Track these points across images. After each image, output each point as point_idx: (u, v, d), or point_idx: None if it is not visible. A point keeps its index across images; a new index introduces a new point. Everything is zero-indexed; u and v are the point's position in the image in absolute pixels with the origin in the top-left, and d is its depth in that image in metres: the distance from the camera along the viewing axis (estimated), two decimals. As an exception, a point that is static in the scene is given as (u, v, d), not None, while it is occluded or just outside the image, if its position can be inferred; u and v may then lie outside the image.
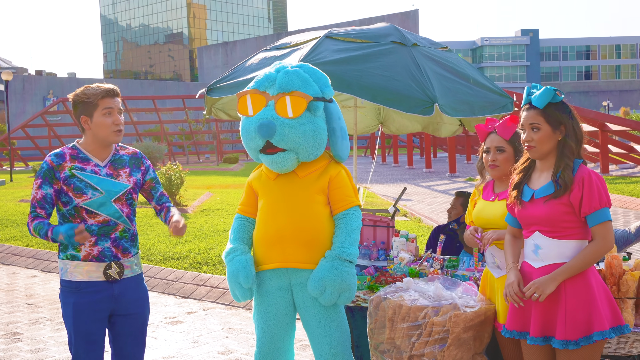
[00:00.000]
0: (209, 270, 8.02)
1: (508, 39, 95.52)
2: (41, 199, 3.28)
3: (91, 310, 3.31)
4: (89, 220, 3.29)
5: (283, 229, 3.42)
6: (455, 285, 3.72)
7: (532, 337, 2.97)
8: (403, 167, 32.62)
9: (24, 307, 7.07)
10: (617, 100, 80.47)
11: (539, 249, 2.99)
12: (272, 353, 3.50)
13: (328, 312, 3.47)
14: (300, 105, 3.31)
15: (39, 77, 65.72)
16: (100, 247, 3.30)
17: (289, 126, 3.31)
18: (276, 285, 3.48)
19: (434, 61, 4.89)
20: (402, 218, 12.79)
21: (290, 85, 3.36)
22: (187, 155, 45.52)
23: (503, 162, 3.43)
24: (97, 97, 3.29)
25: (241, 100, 3.40)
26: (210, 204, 14.89)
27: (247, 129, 3.40)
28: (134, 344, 3.48)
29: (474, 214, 3.55)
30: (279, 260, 3.44)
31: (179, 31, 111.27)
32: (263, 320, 3.50)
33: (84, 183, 3.27)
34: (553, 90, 2.98)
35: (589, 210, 2.88)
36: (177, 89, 66.01)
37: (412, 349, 3.41)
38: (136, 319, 3.46)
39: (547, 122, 2.97)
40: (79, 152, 3.35)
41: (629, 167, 24.58)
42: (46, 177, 3.28)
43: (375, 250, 4.91)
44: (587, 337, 2.85)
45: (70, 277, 3.33)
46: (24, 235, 11.32)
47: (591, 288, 2.90)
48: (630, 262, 3.46)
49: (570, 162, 2.95)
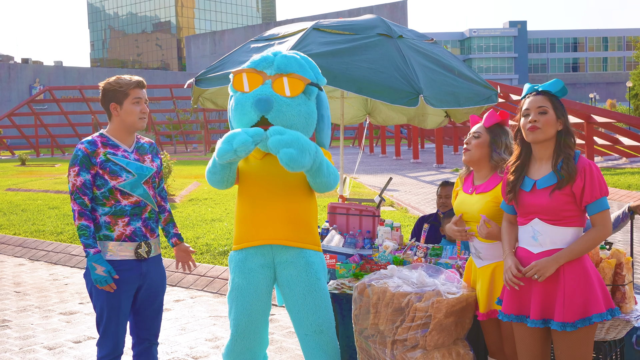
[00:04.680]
0: (197, 259, 8.08)
1: (496, 30, 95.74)
2: (81, 186, 3.48)
3: (123, 287, 3.54)
4: (123, 201, 3.53)
5: (272, 208, 3.49)
6: (438, 272, 3.81)
7: (532, 320, 3.04)
8: (390, 157, 32.74)
9: (12, 295, 7.10)
10: (604, 93, 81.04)
11: (538, 235, 3.06)
12: (250, 331, 3.54)
13: (314, 290, 3.54)
14: (298, 85, 3.38)
15: (25, 65, 65.12)
16: (133, 227, 3.56)
17: (286, 104, 3.36)
18: (259, 263, 3.54)
19: (419, 53, 4.96)
20: (389, 208, 12.89)
21: (288, 67, 3.42)
22: (174, 145, 45.43)
23: (475, 147, 3.47)
24: (129, 86, 3.55)
25: (237, 77, 3.43)
26: (198, 194, 14.93)
27: (242, 104, 3.39)
28: (154, 316, 3.75)
29: (455, 206, 3.62)
30: (265, 238, 3.51)
31: (166, 20, 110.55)
32: (243, 297, 3.53)
33: (118, 166, 3.53)
34: (559, 84, 3.10)
35: (591, 199, 2.98)
36: (164, 78, 65.77)
37: (396, 334, 3.50)
38: (157, 295, 3.73)
39: (553, 108, 3.07)
40: (108, 139, 3.59)
41: (614, 159, 24.83)
42: (83, 163, 3.49)
43: (361, 239, 4.98)
44: (584, 319, 2.94)
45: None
46: (11, 224, 11.32)
47: (588, 272, 2.99)
48: (607, 251, 3.55)
49: (571, 152, 3.04)
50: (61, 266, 8.69)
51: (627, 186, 14.82)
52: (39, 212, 12.58)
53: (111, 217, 3.50)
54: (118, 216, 3.51)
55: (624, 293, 3.38)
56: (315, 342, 3.56)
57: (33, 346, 5.37)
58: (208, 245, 8.75)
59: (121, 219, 3.51)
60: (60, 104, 42.31)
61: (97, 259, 3.42)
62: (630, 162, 23.22)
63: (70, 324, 5.97)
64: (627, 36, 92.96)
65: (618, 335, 3.40)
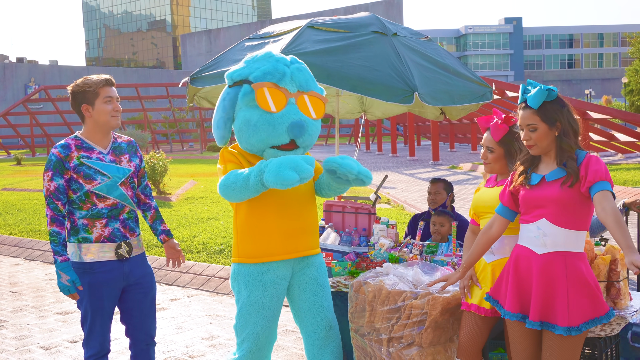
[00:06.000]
0: (193, 258, 8.07)
1: (492, 27, 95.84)
2: (55, 191, 3.46)
3: (105, 289, 3.53)
4: (99, 204, 3.51)
5: (296, 221, 3.48)
6: (434, 270, 3.81)
7: (530, 321, 3.02)
8: (387, 154, 32.76)
9: (8, 295, 7.09)
10: (600, 89, 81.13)
11: (542, 236, 3.02)
12: (267, 344, 3.53)
13: (324, 287, 3.58)
14: (321, 107, 3.42)
15: (20, 64, 65.00)
16: (111, 228, 3.54)
17: (314, 126, 3.39)
18: (280, 276, 3.50)
19: (414, 51, 4.96)
20: (385, 205, 12.90)
21: (307, 84, 3.41)
22: (170, 144, 45.37)
23: (492, 161, 3.53)
24: (98, 85, 3.52)
25: (259, 92, 3.30)
26: (194, 192, 14.92)
27: (272, 124, 3.29)
28: (147, 316, 3.72)
29: (473, 201, 3.62)
30: (289, 252, 3.48)
31: (162, 18, 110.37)
32: (266, 311, 3.47)
33: (92, 170, 3.50)
34: (546, 89, 3.03)
35: (594, 179, 2.91)
36: (160, 77, 65.62)
37: (391, 331, 3.51)
38: (146, 293, 3.70)
39: (543, 120, 3.03)
40: (82, 142, 3.56)
41: (610, 155, 24.89)
42: (56, 168, 3.47)
43: (356, 237, 4.99)
44: (587, 323, 2.92)
45: (82, 259, 3.52)
46: (6, 224, 11.30)
47: (587, 274, 2.97)
48: (602, 248, 3.56)
49: (572, 154, 3.02)
50: (57, 266, 8.66)
51: (622, 182, 14.85)
52: (35, 212, 12.56)
53: (89, 220, 3.49)
54: (95, 218, 3.49)
55: (618, 289, 3.39)
56: (323, 339, 3.57)
57: (29, 346, 5.36)
58: (204, 244, 8.75)
59: (98, 220, 3.50)
60: (55, 103, 42.24)
61: (64, 267, 3.39)
62: (626, 158, 23.28)
63: (66, 324, 5.96)
64: (623, 32, 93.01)
65: (613, 332, 3.41)
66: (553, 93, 3.04)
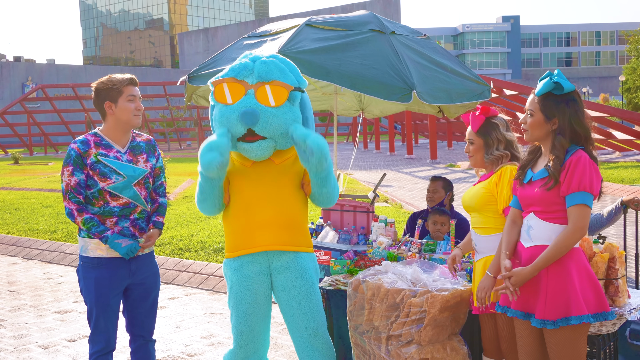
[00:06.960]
0: (191, 257, 8.08)
1: (489, 25, 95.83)
2: (76, 185, 3.51)
3: (111, 284, 3.59)
4: (112, 202, 3.55)
5: (266, 215, 3.47)
6: (433, 268, 3.82)
7: (512, 310, 3.08)
8: (385, 153, 32.77)
9: (6, 294, 7.08)
10: (597, 87, 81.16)
11: (530, 230, 3.08)
12: (251, 339, 3.54)
13: (308, 294, 3.53)
14: (282, 94, 3.34)
15: (17, 63, 64.84)
16: (121, 227, 3.59)
17: (272, 114, 3.32)
18: (256, 270, 3.52)
19: (412, 49, 4.96)
20: (383, 204, 12.90)
21: (269, 74, 3.37)
22: (168, 142, 45.34)
23: (474, 152, 3.58)
24: (122, 84, 3.57)
25: (217, 87, 3.39)
26: (192, 191, 14.91)
27: (227, 116, 3.35)
28: (147, 314, 3.78)
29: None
30: (260, 245, 3.49)
31: (159, 17, 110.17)
32: (243, 305, 3.52)
33: (108, 168, 3.54)
34: (554, 82, 3.02)
35: (567, 191, 2.93)
36: (157, 76, 65.53)
37: (390, 329, 3.51)
38: (150, 291, 3.76)
39: (541, 110, 3.04)
40: (101, 139, 3.61)
41: (607, 153, 24.91)
42: (77, 163, 3.51)
43: (355, 235, 4.99)
44: (564, 319, 2.93)
45: (91, 253, 3.58)
46: (4, 223, 11.28)
47: (570, 274, 2.97)
48: (601, 245, 3.57)
49: (561, 154, 2.99)
50: (55, 265, 8.67)
51: (620, 180, 14.88)
52: (33, 211, 12.54)
53: (99, 217, 3.54)
54: (106, 216, 3.55)
55: (617, 287, 3.40)
56: (310, 345, 3.55)
57: (27, 345, 5.36)
58: (202, 242, 8.75)
59: (109, 218, 3.55)
60: (53, 102, 42.17)
61: (116, 238, 3.49)
62: (624, 156, 23.30)
63: (65, 323, 5.96)
64: (620, 30, 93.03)
65: (612, 329, 3.42)
66: (560, 88, 3.01)
